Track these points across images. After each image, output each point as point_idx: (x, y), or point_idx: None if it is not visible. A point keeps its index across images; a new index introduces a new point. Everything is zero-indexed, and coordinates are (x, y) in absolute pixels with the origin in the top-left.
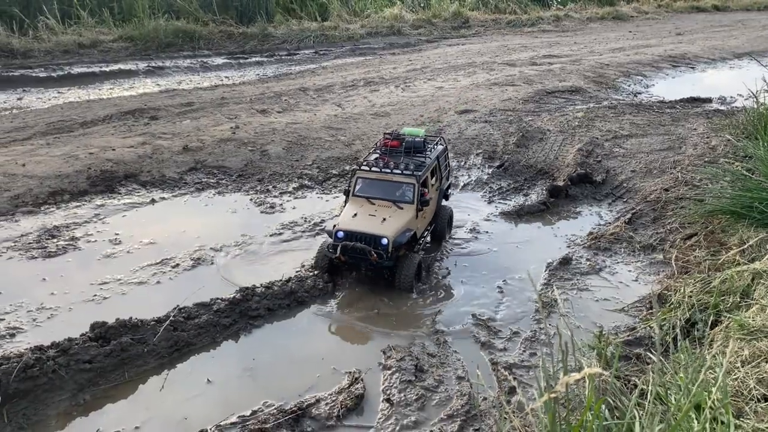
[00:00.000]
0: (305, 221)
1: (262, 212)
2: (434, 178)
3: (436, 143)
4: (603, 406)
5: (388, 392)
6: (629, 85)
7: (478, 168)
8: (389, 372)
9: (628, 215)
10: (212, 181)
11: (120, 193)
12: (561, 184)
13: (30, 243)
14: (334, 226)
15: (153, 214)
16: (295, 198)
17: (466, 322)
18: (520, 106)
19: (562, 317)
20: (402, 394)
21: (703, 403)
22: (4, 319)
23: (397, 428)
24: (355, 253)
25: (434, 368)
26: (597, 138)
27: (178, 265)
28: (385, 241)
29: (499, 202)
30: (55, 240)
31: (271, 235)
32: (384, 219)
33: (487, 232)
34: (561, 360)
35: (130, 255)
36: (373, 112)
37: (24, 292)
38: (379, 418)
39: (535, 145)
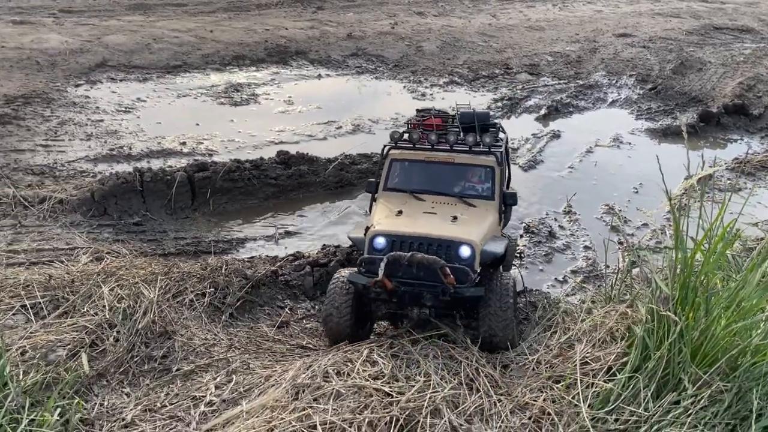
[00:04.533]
0: (453, 110)
1: (413, 98)
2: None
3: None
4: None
5: (520, 247)
6: None
7: (629, 88)
8: (526, 233)
9: None
10: (371, 67)
11: (291, 66)
12: (714, 110)
13: (219, 92)
14: (369, 228)
15: (319, 86)
16: (445, 91)
17: (600, 209)
18: (682, 37)
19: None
20: (532, 250)
21: None
22: (203, 143)
23: (526, 273)
24: (413, 274)
25: (564, 237)
26: (762, 75)
27: (341, 127)
28: (467, 250)
29: (646, 120)
30: (239, 93)
31: None
32: (455, 218)
33: (629, 143)
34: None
35: (300, 114)
36: (527, 26)
37: (217, 127)
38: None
39: (692, 74)
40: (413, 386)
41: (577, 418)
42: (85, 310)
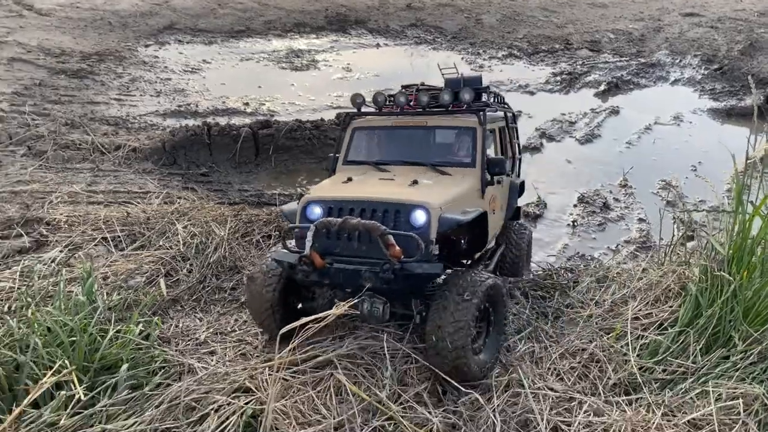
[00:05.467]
0: (510, 82)
1: (471, 69)
2: (503, 153)
3: (495, 100)
4: None
5: (573, 216)
6: None
7: (693, 68)
8: (580, 203)
9: None
10: (429, 38)
11: (350, 34)
12: None
13: (280, 57)
14: (302, 196)
15: (378, 55)
16: (503, 63)
17: (656, 185)
18: (754, 18)
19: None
20: (586, 219)
21: None
22: (264, 105)
23: (578, 241)
24: (353, 248)
25: (619, 209)
26: None
27: None
28: (422, 215)
29: (709, 100)
30: (299, 59)
31: None
32: (415, 182)
33: (690, 122)
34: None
35: (359, 81)
36: (589, 2)
37: (277, 90)
38: (567, 226)
39: (762, 56)
40: None
41: (625, 366)
42: (160, 244)
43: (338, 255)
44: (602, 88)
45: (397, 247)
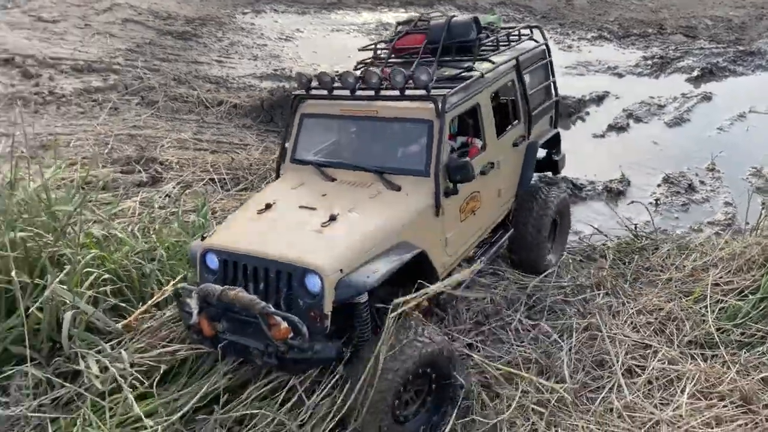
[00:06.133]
0: (599, 63)
1: (560, 49)
2: (513, 116)
3: (521, 38)
4: None
5: (656, 195)
6: None
7: None
8: (664, 183)
9: None
10: (518, 16)
11: (438, 10)
12: None
13: (370, 29)
14: (203, 238)
15: None
16: (592, 45)
17: (746, 171)
18: None
19: None
20: (669, 199)
21: None
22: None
23: (660, 219)
24: (239, 317)
25: (704, 191)
26: None
27: None
28: (315, 282)
29: None
30: (387, 32)
31: (566, 67)
32: (333, 218)
33: None
34: None
35: None
36: None
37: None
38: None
39: None
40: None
41: (702, 325)
42: (261, 187)
43: (226, 318)
44: (695, 73)
45: (283, 326)
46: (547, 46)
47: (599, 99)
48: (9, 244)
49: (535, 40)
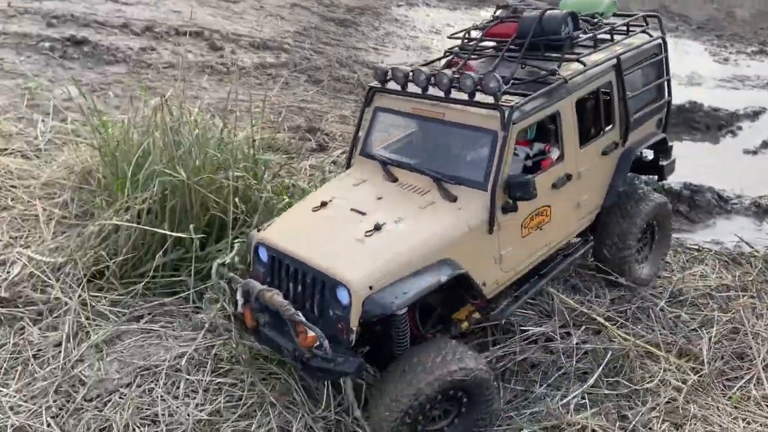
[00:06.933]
0: (758, 78)
1: (714, 61)
2: (606, 121)
3: (629, 32)
4: None
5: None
6: None
7: None
8: None
9: None
10: (672, 25)
11: None
12: None
13: None
14: (258, 230)
15: None
16: (751, 59)
17: None
18: None
19: None
20: None
21: None
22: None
23: None
24: (273, 320)
25: None
26: None
27: None
28: (344, 295)
29: None
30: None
31: (719, 79)
32: (375, 228)
33: None
34: None
35: None
36: None
37: None
38: None
39: None
40: None
41: None
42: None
43: (262, 317)
44: None
45: (310, 334)
46: (663, 40)
47: (755, 114)
48: (230, 179)
49: (650, 34)
